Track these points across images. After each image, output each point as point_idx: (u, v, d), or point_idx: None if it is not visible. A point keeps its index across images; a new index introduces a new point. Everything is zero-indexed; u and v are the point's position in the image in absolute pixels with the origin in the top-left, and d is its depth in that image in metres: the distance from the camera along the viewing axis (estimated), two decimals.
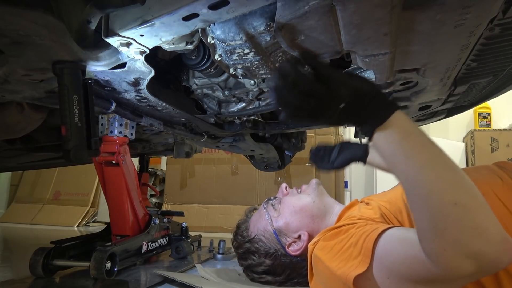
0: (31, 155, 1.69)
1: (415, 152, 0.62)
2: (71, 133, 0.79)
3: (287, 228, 1.10)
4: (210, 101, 1.22)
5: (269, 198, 1.20)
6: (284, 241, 1.10)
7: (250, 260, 1.16)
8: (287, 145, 1.88)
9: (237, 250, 1.21)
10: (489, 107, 3.45)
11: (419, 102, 1.17)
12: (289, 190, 1.19)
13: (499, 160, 1.01)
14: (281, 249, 1.10)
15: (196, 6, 0.61)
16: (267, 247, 1.11)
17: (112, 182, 1.52)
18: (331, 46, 0.75)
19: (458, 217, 0.56)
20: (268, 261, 1.12)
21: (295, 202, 1.12)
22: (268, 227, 1.12)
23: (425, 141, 0.64)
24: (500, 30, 0.75)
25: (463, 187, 0.59)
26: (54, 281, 1.36)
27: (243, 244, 1.17)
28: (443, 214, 0.57)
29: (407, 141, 0.63)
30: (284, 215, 1.11)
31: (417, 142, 0.63)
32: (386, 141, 0.64)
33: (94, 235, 1.70)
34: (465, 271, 0.57)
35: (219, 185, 3.48)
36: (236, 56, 0.82)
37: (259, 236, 1.13)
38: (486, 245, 0.56)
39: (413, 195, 0.62)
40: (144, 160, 2.28)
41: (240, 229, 1.21)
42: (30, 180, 4.12)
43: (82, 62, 0.77)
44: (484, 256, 0.56)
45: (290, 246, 1.09)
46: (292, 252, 1.08)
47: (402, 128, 0.64)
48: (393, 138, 0.63)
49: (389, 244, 0.72)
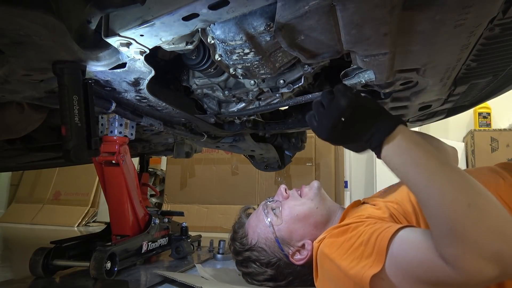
0: (31, 155, 1.69)
1: (424, 160, 0.66)
2: (71, 133, 0.79)
3: (290, 237, 1.05)
4: (210, 101, 1.22)
5: (267, 200, 1.15)
6: (287, 250, 1.05)
7: (251, 268, 1.11)
8: (287, 145, 1.88)
9: (236, 256, 1.16)
10: (489, 107, 3.45)
11: (419, 102, 1.17)
12: (289, 193, 1.13)
13: (499, 161, 1.01)
14: (284, 258, 1.06)
15: (196, 6, 0.61)
16: (269, 257, 1.07)
17: (112, 182, 1.51)
18: (331, 46, 0.75)
19: (474, 218, 0.57)
20: (270, 271, 1.08)
21: (298, 210, 1.07)
22: (269, 235, 1.07)
23: (431, 150, 0.68)
24: (500, 30, 0.75)
25: (474, 189, 0.61)
26: (54, 281, 1.36)
27: (243, 252, 1.12)
28: (459, 216, 0.58)
29: (415, 150, 0.67)
30: (287, 222, 1.06)
31: (425, 151, 0.67)
32: (395, 152, 0.69)
33: (94, 235, 1.70)
34: (487, 274, 0.56)
35: (219, 185, 3.48)
36: (236, 56, 0.82)
37: (260, 245, 1.08)
38: (506, 244, 0.55)
39: (427, 201, 0.64)
40: (144, 160, 2.28)
41: (237, 234, 1.16)
42: (30, 180, 4.12)
43: (82, 62, 0.77)
44: (505, 256, 0.55)
45: (294, 255, 1.05)
46: (296, 262, 1.04)
47: (409, 139, 0.69)
48: (402, 149, 0.68)
49: (405, 245, 0.70)
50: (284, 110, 1.52)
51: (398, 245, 0.71)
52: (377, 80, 0.89)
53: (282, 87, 1.05)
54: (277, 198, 1.14)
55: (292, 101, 1.12)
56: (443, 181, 0.62)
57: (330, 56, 0.79)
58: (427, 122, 1.49)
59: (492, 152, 3.13)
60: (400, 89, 1.03)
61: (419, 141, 0.68)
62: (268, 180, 3.39)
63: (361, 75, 0.93)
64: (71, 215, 3.67)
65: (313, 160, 3.35)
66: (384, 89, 1.01)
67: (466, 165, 3.26)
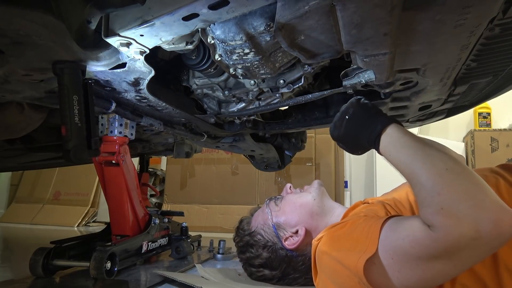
0: (31, 155, 1.69)
1: (412, 144, 0.75)
2: (71, 133, 0.79)
3: (285, 223, 1.13)
4: (210, 101, 1.22)
5: (273, 197, 1.23)
6: (281, 235, 1.12)
7: (248, 253, 1.18)
8: (287, 145, 1.88)
9: (238, 244, 1.23)
10: (489, 107, 3.45)
11: (419, 102, 1.17)
12: (293, 190, 1.22)
13: (499, 161, 1.01)
14: (278, 243, 1.12)
15: (196, 6, 0.61)
16: (265, 240, 1.14)
17: (112, 182, 1.51)
18: (331, 46, 0.75)
19: (450, 180, 0.64)
20: (265, 253, 1.14)
21: (296, 199, 1.16)
22: (268, 221, 1.15)
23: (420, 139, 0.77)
24: (500, 30, 0.75)
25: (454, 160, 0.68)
26: (54, 281, 1.36)
27: (243, 237, 1.20)
28: (437, 177, 0.65)
29: (404, 137, 0.77)
30: (284, 210, 1.15)
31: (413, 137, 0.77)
32: (390, 142, 0.79)
33: (94, 235, 1.70)
34: (464, 234, 0.59)
35: (219, 185, 3.48)
36: (236, 56, 0.82)
37: (258, 230, 1.16)
38: (480, 207, 0.59)
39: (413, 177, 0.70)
40: (144, 160, 2.28)
41: (242, 223, 1.25)
42: (30, 180, 4.12)
43: (82, 62, 0.77)
44: (479, 219, 0.59)
45: (286, 240, 1.11)
46: (288, 246, 1.10)
47: (401, 130, 0.79)
48: (394, 138, 0.78)
49: (394, 226, 0.73)
50: (284, 110, 1.52)
51: (387, 229, 0.74)
52: (377, 80, 0.89)
53: (282, 87, 1.05)
54: (282, 194, 1.23)
55: (292, 101, 1.12)
56: (428, 154, 0.70)
57: (330, 56, 0.79)
58: (427, 122, 1.49)
59: (492, 152, 3.13)
60: (400, 89, 1.03)
61: (410, 133, 0.78)
62: (268, 180, 3.39)
63: (361, 75, 0.93)
64: (71, 215, 3.67)
65: (313, 160, 3.35)
66: (384, 89, 1.01)
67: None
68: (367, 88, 1.03)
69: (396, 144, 0.77)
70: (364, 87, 1.00)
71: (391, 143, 0.78)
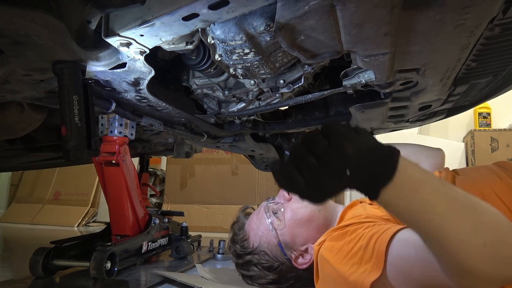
0: (31, 155, 1.69)
1: (431, 203, 0.55)
2: (71, 133, 0.79)
3: (293, 241, 1.04)
4: (210, 101, 1.22)
5: (268, 201, 1.14)
6: (290, 254, 1.05)
7: (252, 271, 1.10)
8: (287, 145, 1.88)
9: (236, 259, 1.15)
10: (489, 107, 3.45)
11: (419, 102, 1.17)
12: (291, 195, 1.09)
13: (499, 160, 1.01)
14: (287, 263, 1.05)
15: (196, 6, 0.61)
16: (271, 261, 1.06)
17: (112, 182, 1.52)
18: (331, 46, 0.75)
19: (490, 257, 0.54)
20: (272, 275, 1.07)
21: (301, 213, 1.06)
22: (272, 239, 1.06)
23: (438, 187, 0.57)
24: (500, 30, 0.75)
25: (487, 224, 0.56)
26: (54, 281, 1.36)
27: (244, 256, 1.11)
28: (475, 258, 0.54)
29: (420, 193, 0.55)
30: (290, 226, 1.05)
31: (431, 191, 0.56)
32: (397, 197, 0.56)
33: (94, 235, 1.70)
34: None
35: (219, 185, 3.48)
36: (236, 56, 0.82)
37: (262, 248, 1.07)
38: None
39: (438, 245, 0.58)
40: (144, 160, 2.28)
41: (237, 236, 1.15)
42: (30, 180, 4.12)
43: (82, 62, 0.77)
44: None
45: (297, 260, 1.04)
46: (299, 266, 1.04)
47: (412, 179, 0.56)
48: (405, 193, 0.55)
49: (405, 250, 0.69)
50: (284, 110, 1.52)
51: (398, 249, 0.70)
52: (377, 80, 0.89)
53: (282, 87, 1.05)
54: (279, 199, 1.12)
55: (292, 101, 1.12)
56: (456, 223, 0.55)
57: (330, 56, 0.79)
58: (427, 122, 1.49)
59: (492, 152, 3.13)
60: (400, 89, 1.03)
61: (424, 178, 0.57)
62: (268, 180, 3.39)
63: (361, 75, 0.93)
64: (71, 215, 3.67)
65: None
66: (384, 89, 1.01)
67: (466, 165, 3.25)
68: (367, 88, 1.03)
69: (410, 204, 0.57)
70: (364, 87, 1.00)
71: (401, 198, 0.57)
